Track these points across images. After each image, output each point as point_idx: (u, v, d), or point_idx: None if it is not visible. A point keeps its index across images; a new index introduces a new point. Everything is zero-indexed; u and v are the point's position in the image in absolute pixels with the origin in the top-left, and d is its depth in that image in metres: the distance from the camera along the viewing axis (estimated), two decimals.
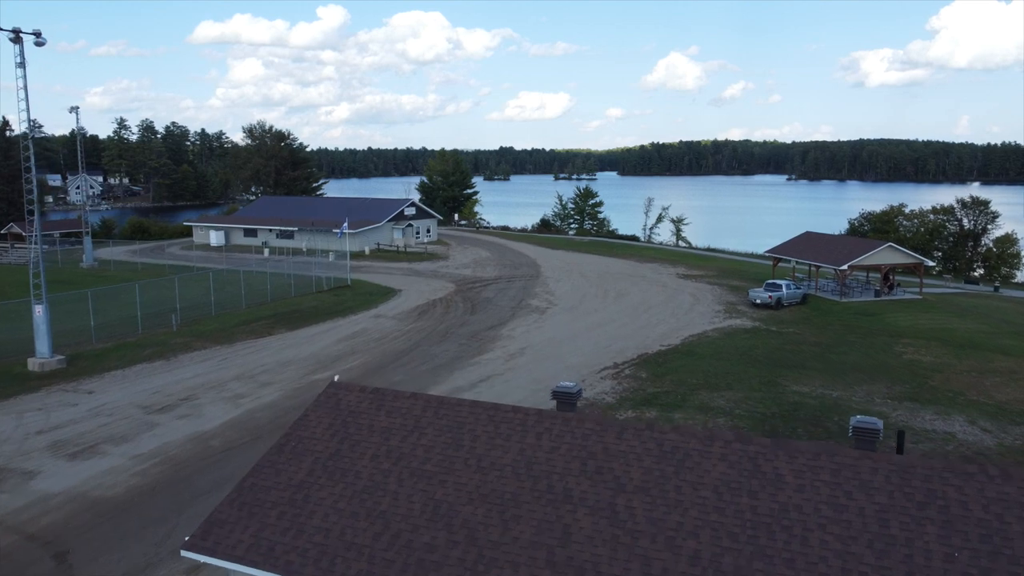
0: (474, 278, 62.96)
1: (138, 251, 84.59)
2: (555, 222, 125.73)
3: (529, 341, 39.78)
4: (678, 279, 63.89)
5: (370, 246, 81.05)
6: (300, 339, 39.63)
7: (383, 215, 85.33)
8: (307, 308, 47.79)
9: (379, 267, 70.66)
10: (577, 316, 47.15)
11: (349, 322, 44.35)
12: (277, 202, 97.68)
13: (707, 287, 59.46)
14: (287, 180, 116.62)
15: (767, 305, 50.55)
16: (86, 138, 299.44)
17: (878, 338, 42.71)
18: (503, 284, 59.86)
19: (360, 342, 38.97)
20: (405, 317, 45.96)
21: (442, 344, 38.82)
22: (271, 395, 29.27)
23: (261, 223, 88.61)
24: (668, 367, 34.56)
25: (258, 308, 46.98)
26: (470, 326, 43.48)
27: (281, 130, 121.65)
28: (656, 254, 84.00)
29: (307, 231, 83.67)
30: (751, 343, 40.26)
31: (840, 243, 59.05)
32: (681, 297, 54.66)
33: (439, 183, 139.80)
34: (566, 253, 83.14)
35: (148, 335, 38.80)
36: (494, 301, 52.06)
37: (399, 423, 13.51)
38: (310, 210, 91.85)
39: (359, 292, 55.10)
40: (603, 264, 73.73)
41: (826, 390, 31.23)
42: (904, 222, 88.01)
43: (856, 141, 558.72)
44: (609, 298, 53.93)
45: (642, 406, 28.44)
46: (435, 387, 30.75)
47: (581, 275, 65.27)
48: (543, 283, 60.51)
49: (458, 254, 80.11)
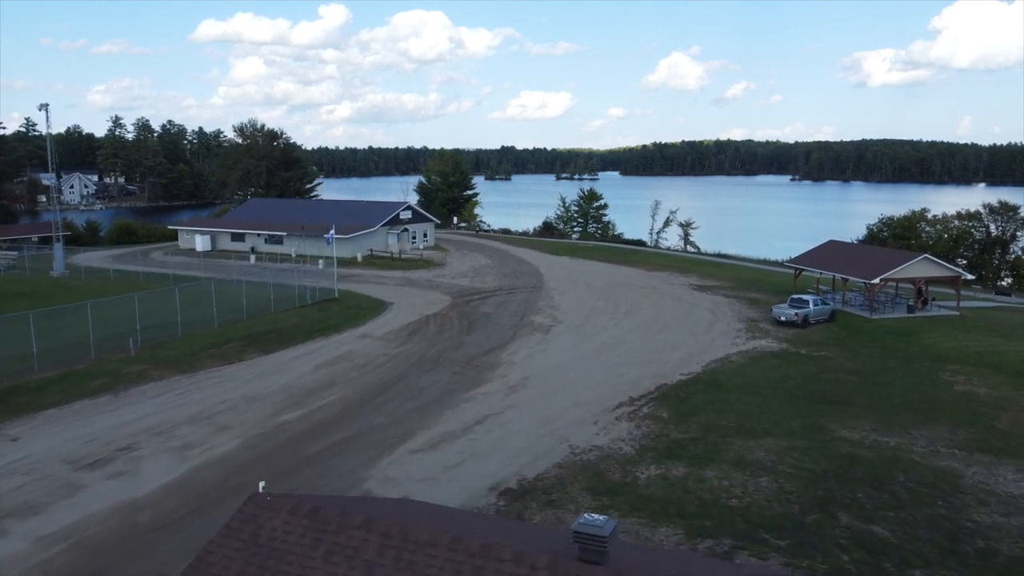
0: (472, 289, 58.43)
1: (119, 257, 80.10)
2: (558, 225, 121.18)
3: (532, 368, 35.24)
4: (692, 291, 59.33)
5: (363, 252, 76.54)
6: (274, 365, 35.08)
7: (377, 219, 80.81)
8: (287, 326, 43.25)
9: (371, 276, 66.13)
10: (585, 336, 42.61)
11: (332, 343, 39.79)
12: (267, 204, 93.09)
13: (724, 300, 54.90)
14: (279, 181, 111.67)
15: (792, 323, 46.02)
16: (82, 136, 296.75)
17: (921, 364, 38.18)
18: (503, 296, 55.33)
19: (341, 370, 34.42)
20: (394, 337, 41.42)
21: (433, 372, 34.27)
22: (226, 444, 24.73)
23: (249, 227, 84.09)
24: (692, 404, 30.01)
25: (232, 327, 42.41)
26: (466, 349, 38.93)
27: (274, 129, 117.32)
28: (665, 261, 79.46)
29: (296, 236, 79.18)
30: (782, 371, 35.72)
31: (870, 254, 54.45)
32: (698, 313, 50.11)
33: (438, 184, 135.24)
34: (570, 260, 78.62)
35: (101, 362, 34.26)
36: (493, 317, 47.51)
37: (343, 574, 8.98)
38: (301, 213, 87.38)
39: (346, 306, 50.56)
40: (610, 273, 69.19)
41: (879, 435, 26.69)
42: (926, 228, 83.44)
43: (859, 141, 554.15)
44: (619, 314, 49.39)
45: (667, 459, 23.89)
46: (422, 432, 26.21)
47: (587, 286, 60.72)
48: (547, 295, 55.97)
49: (456, 261, 75.59)
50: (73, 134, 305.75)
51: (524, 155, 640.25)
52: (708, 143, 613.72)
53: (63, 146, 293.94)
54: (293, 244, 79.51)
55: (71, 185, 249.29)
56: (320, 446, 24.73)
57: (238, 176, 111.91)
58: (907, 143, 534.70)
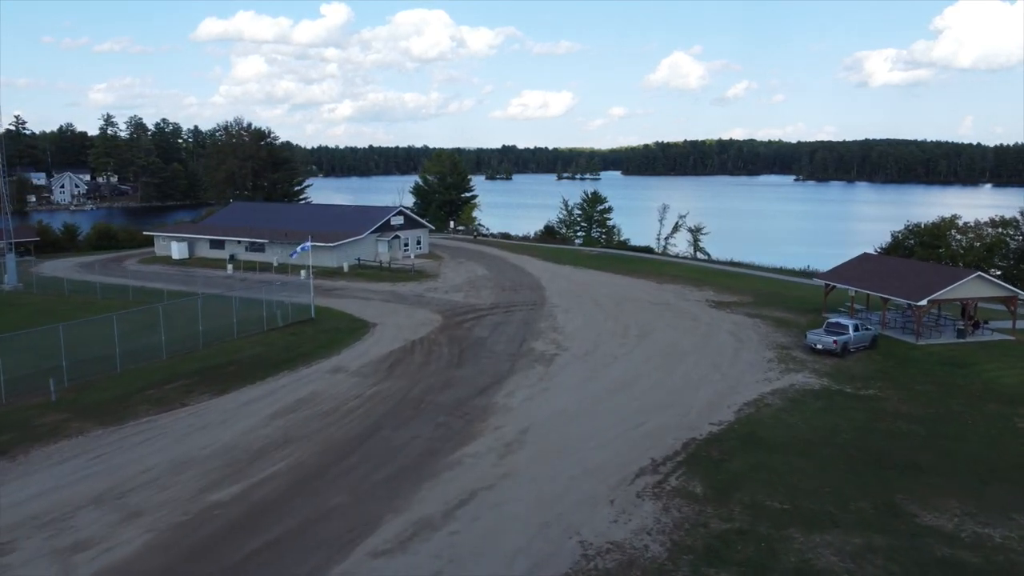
0: (466, 306, 52.61)
1: (87, 266, 74.27)
2: (560, 230, 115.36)
3: (532, 416, 29.43)
4: (709, 308, 53.49)
5: (349, 262, 70.70)
6: (220, 413, 29.26)
7: (366, 226, 74.97)
8: (248, 357, 37.44)
9: (356, 289, 60.30)
10: (593, 369, 36.77)
11: (297, 380, 33.98)
12: (250, 209, 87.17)
13: (747, 321, 49.06)
14: (267, 183, 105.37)
15: (830, 352, 40.18)
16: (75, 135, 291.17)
17: (988, 405, 32.39)
18: (500, 316, 49.51)
19: (301, 420, 28.60)
20: (372, 372, 35.60)
21: (413, 423, 28.46)
22: (130, 543, 18.90)
23: (229, 233, 78.26)
24: (731, 471, 24.17)
25: (183, 358, 36.58)
26: (454, 388, 33.11)
27: (261, 128, 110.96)
28: (676, 271, 73.58)
29: (279, 244, 73.37)
30: (830, 420, 29.88)
31: (912, 271, 48.51)
32: (719, 336, 44.27)
33: (435, 186, 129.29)
34: (574, 270, 72.80)
35: (12, 409, 28.46)
36: (488, 344, 41.68)
37: None
38: (286, 218, 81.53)
39: (322, 329, 44.74)
40: (617, 285, 63.34)
41: (976, 523, 20.82)
42: (957, 235, 77.47)
43: (861, 141, 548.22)
44: (631, 338, 43.56)
45: (710, 565, 18.07)
46: (390, 519, 20.35)
47: (593, 302, 54.89)
48: (549, 314, 50.16)
49: (450, 271, 69.76)
50: (66, 132, 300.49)
51: (525, 154, 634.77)
52: (710, 143, 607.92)
53: (56, 145, 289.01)
54: (275, 252, 73.69)
55: (61, 185, 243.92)
56: (253, 545, 18.91)
57: (222, 178, 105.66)
58: (912, 143, 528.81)
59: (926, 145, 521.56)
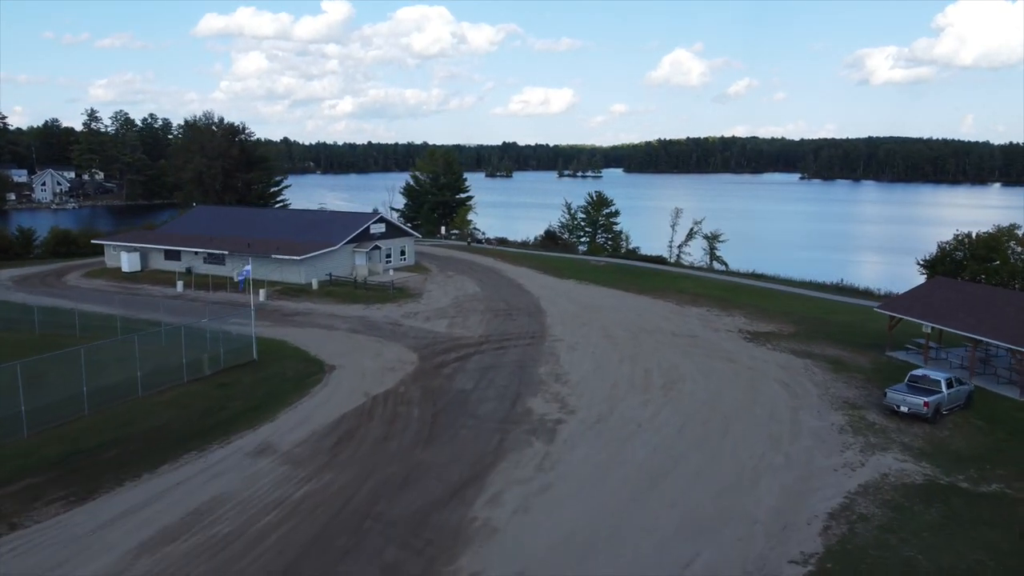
0: (449, 340, 43.13)
1: (22, 280, 64.73)
2: (562, 235, 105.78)
3: (526, 550, 19.90)
4: (745, 342, 44.01)
5: (319, 278, 61.21)
6: (62, 545, 19.73)
7: (341, 235, 65.41)
8: (147, 429, 27.94)
9: (321, 314, 50.82)
10: (612, 447, 27.26)
11: (201, 473, 24.47)
12: (215, 214, 77.47)
13: (795, 362, 39.56)
14: (239, 184, 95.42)
15: (919, 416, 30.71)
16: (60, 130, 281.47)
17: None
18: (490, 355, 40.01)
19: (178, 559, 19.10)
20: (310, 453, 26.13)
21: (345, 565, 18.97)
22: None
23: (187, 242, 68.71)
24: None
25: (52, 433, 27.00)
26: (417, 488, 23.57)
27: (234, 123, 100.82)
28: (695, 287, 64.03)
29: (240, 256, 63.90)
30: (962, 548, 20.40)
31: (1005, 302, 38.86)
32: (767, 387, 34.81)
33: (427, 186, 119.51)
34: (578, 286, 63.34)
35: None
36: (472, 402, 32.20)
37: None
38: (253, 225, 72.01)
39: (263, 377, 35.22)
40: (630, 307, 53.87)
41: None
42: (1015, 247, 67.94)
43: (868, 139, 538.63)
44: (655, 390, 34.11)
45: None
46: None
47: (604, 333, 45.43)
48: (550, 352, 40.69)
49: (437, 289, 60.26)
50: (52, 128, 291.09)
51: (526, 151, 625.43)
52: (713, 140, 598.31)
53: (40, 141, 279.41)
54: (236, 265, 64.19)
55: (43, 183, 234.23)
56: None
57: (188, 178, 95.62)
58: (920, 141, 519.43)
59: (934, 143, 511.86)
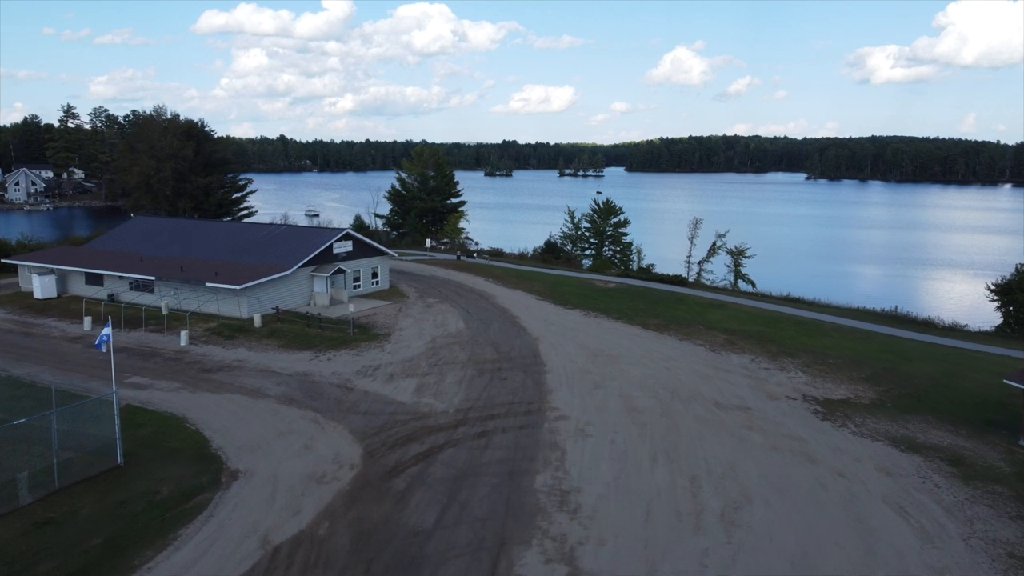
0: (413, 418, 31.21)
1: None
2: (564, 246, 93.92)
3: None
4: (819, 419, 32.14)
5: (265, 311, 49.31)
6: None
7: (295, 257, 53.47)
8: None
9: (253, 367, 38.87)
10: None
11: None
12: (153, 228, 65.37)
13: (902, 460, 27.71)
14: (193, 190, 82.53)
15: None
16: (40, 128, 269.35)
17: None
18: (467, 449, 28.08)
19: None
20: None
21: None
22: None
23: (113, 263, 56.75)
24: None
25: None
26: None
27: (192, 120, 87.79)
28: (729, 320, 52.07)
29: (170, 282, 52.05)
30: None
31: None
32: (879, 518, 22.93)
33: (414, 191, 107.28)
34: (586, 320, 51.46)
35: None
36: (428, 559, 20.32)
37: None
38: (198, 242, 60.06)
39: (118, 502, 23.31)
40: (655, 356, 41.94)
41: None
42: None
43: (872, 138, 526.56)
44: (712, 529, 22.22)
45: None
46: None
47: (624, 404, 33.53)
48: (552, 444, 28.78)
49: (410, 326, 48.36)
50: (31, 124, 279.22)
51: (526, 150, 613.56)
52: (716, 139, 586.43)
53: (19, 138, 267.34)
54: (167, 294, 52.36)
55: (16, 182, 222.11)
56: None
57: (134, 183, 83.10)
58: (928, 140, 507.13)
59: (943, 143, 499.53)
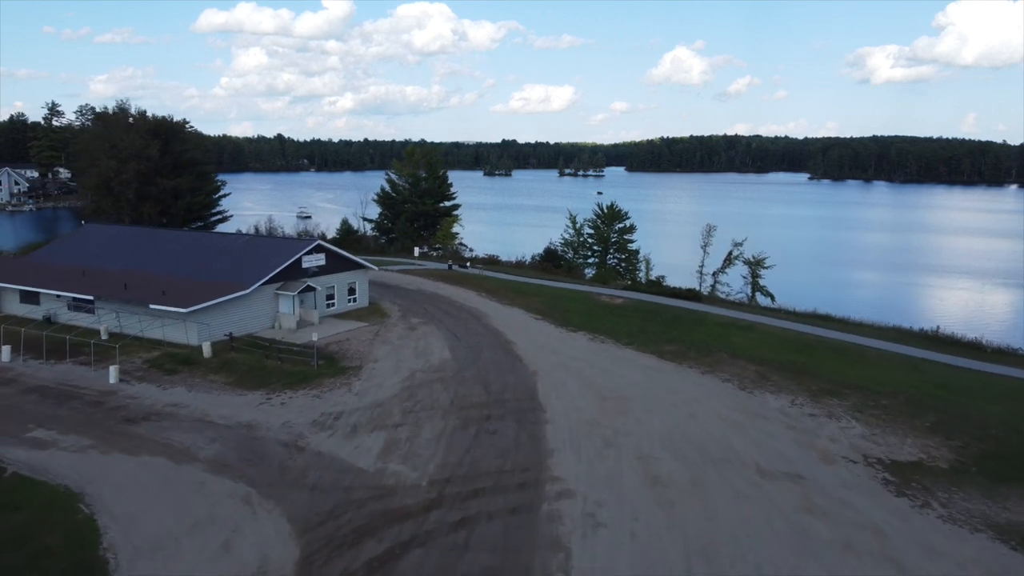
0: (374, 495, 24.15)
1: None
2: (565, 253, 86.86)
3: None
4: (892, 494, 25.14)
5: (216, 337, 42.20)
6: None
7: (256, 273, 46.36)
8: None
9: (188, 415, 31.76)
10: None
11: None
12: (104, 237, 58.12)
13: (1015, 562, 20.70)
14: (159, 193, 75.09)
15: None
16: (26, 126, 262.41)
17: None
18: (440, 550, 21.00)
19: None
20: None
21: None
22: None
23: (53, 279, 49.71)
24: None
25: None
26: None
27: (165, 117, 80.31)
28: (756, 346, 44.97)
29: (111, 304, 45.03)
30: None
31: None
32: None
33: (405, 193, 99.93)
34: (592, 346, 44.38)
35: None
36: None
37: None
38: (151, 255, 52.95)
39: None
40: (677, 398, 34.84)
41: None
42: None
43: (875, 138, 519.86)
44: None
45: None
46: None
47: (645, 473, 26.51)
48: (554, 539, 21.75)
49: (386, 356, 41.28)
50: (16, 122, 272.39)
51: (526, 149, 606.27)
52: (717, 138, 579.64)
53: (4, 137, 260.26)
54: (108, 315, 45.32)
55: None
56: None
57: (94, 185, 75.83)
58: (932, 140, 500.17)
59: (948, 143, 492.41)
